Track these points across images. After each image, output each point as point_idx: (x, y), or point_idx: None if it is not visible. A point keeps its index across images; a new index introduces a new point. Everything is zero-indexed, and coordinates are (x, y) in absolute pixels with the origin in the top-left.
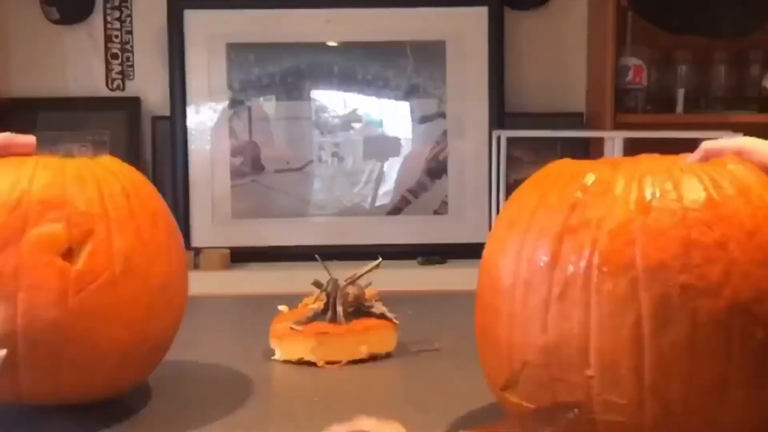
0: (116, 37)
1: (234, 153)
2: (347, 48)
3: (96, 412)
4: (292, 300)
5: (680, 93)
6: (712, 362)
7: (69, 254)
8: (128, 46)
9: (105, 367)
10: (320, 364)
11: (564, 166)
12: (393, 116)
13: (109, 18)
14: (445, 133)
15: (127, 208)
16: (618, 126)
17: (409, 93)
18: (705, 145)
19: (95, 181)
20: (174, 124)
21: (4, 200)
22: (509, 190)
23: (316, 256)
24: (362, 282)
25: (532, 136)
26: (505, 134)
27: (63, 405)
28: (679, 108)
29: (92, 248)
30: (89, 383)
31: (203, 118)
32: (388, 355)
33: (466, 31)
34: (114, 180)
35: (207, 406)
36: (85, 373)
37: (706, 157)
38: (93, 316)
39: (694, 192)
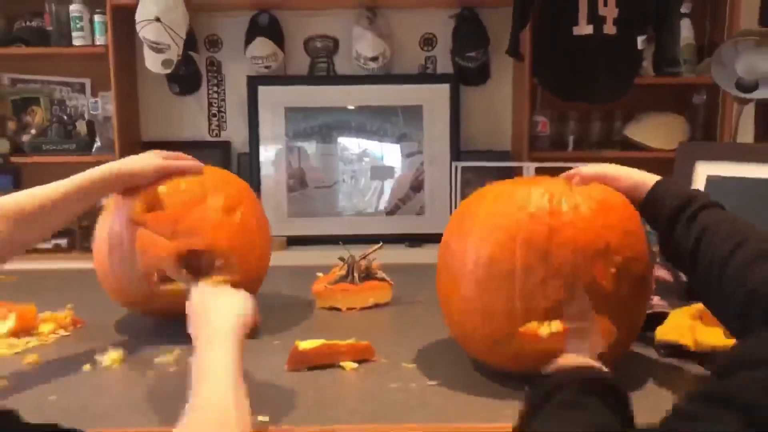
0: (215, 102)
1: (289, 176)
2: (361, 110)
3: None
4: (326, 269)
5: (570, 138)
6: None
7: (229, 213)
8: (222, 109)
9: (244, 284)
10: (344, 309)
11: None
12: (389, 153)
13: (210, 91)
14: (422, 164)
15: (251, 196)
16: (531, 159)
17: (399, 139)
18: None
19: (235, 179)
20: (251, 158)
21: (194, 181)
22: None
23: (340, 241)
24: (370, 258)
25: (477, 165)
26: (461, 165)
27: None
28: (570, 148)
29: (242, 211)
30: None
31: (270, 154)
32: (386, 304)
33: (436, 99)
34: (241, 180)
35: (273, 332)
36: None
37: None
38: (245, 250)
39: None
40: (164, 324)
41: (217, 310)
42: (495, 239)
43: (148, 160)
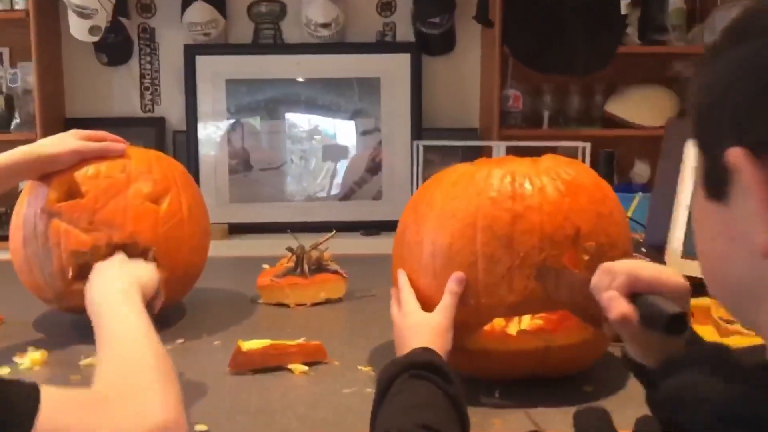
0: (148, 74)
1: (231, 156)
2: (311, 82)
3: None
4: (272, 260)
5: (546, 114)
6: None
7: (156, 202)
8: (156, 81)
9: (174, 280)
10: (292, 305)
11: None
12: (343, 131)
13: (142, 61)
14: (380, 143)
15: (185, 179)
16: (502, 138)
17: (355, 114)
18: (602, 266)
19: (166, 160)
20: (189, 136)
21: (116, 165)
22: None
23: (288, 230)
24: (322, 248)
25: (441, 144)
26: (422, 143)
27: None
28: (545, 125)
29: (170, 199)
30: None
31: (209, 132)
32: (339, 299)
33: (395, 71)
34: (174, 161)
35: (213, 331)
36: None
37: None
38: (173, 242)
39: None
40: (89, 321)
41: (107, 276)
42: (453, 227)
43: (65, 141)
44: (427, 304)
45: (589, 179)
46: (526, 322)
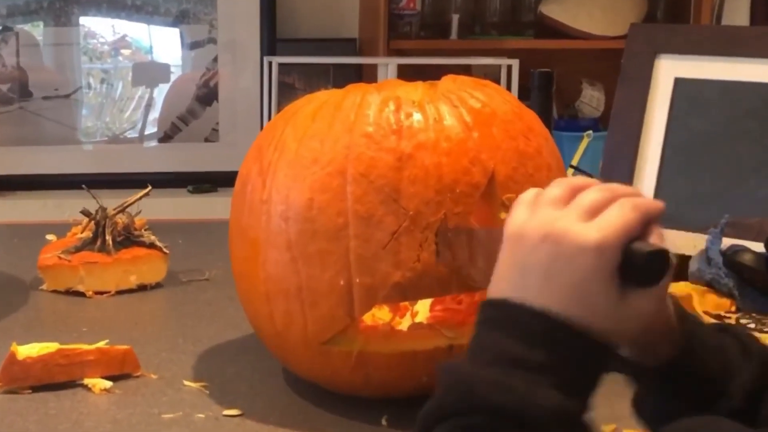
0: None
1: (0, 80)
2: None
3: None
4: (61, 229)
5: (454, 19)
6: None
7: None
8: None
9: None
10: (89, 294)
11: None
12: (162, 42)
13: None
14: (216, 59)
15: None
16: (391, 52)
17: (179, 19)
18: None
19: None
20: None
21: None
22: None
23: (83, 185)
24: (132, 210)
25: (304, 62)
26: (277, 60)
27: None
28: (453, 34)
29: None
30: None
31: None
32: (157, 285)
33: None
34: None
35: None
36: None
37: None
38: None
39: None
40: None
41: None
42: (313, 177)
43: None
44: (280, 291)
45: (507, 106)
46: (423, 312)
